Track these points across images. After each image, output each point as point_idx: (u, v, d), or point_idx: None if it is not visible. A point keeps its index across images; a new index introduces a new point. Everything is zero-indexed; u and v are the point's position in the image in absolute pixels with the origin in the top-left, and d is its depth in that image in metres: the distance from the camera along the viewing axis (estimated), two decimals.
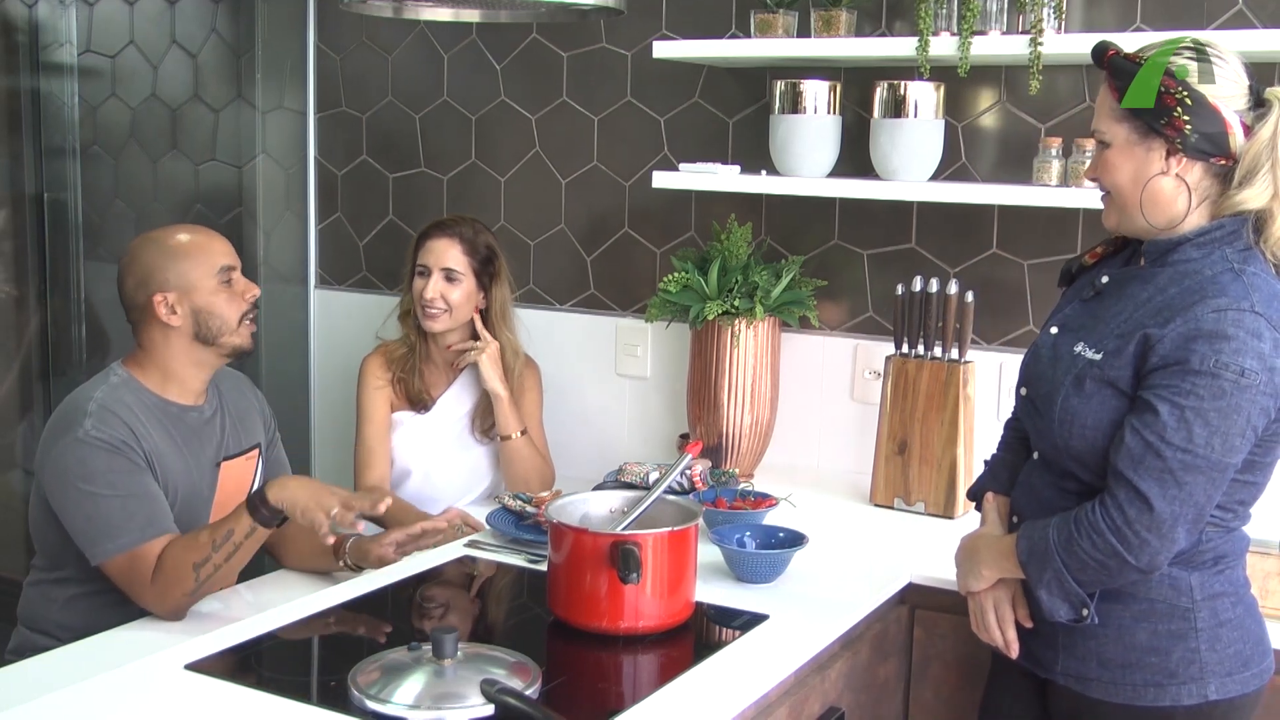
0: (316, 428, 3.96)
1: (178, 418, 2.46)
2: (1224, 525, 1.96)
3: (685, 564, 2.14)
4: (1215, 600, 1.96)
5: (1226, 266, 1.89)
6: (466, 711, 1.75)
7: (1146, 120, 1.91)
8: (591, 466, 3.19)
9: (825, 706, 2.19)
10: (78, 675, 1.91)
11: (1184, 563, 1.94)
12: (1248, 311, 1.83)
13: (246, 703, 1.83)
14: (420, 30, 3.66)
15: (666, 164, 3.33)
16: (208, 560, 2.26)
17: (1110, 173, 1.97)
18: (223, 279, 2.47)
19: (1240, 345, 1.82)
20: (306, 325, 3.95)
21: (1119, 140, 1.95)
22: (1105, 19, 2.84)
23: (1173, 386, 1.84)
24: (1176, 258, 1.94)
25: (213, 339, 2.46)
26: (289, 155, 3.93)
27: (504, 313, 3.06)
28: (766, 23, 3.01)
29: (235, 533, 2.28)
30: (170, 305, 2.43)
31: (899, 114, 2.84)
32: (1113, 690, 1.98)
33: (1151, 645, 1.96)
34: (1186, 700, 1.95)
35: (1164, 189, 1.93)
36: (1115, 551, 1.86)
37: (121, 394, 2.40)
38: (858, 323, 3.20)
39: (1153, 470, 1.84)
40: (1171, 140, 1.90)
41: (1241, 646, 1.97)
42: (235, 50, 3.98)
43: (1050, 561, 1.92)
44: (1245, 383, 1.82)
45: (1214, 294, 1.86)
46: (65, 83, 4.24)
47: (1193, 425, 1.82)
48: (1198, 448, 1.83)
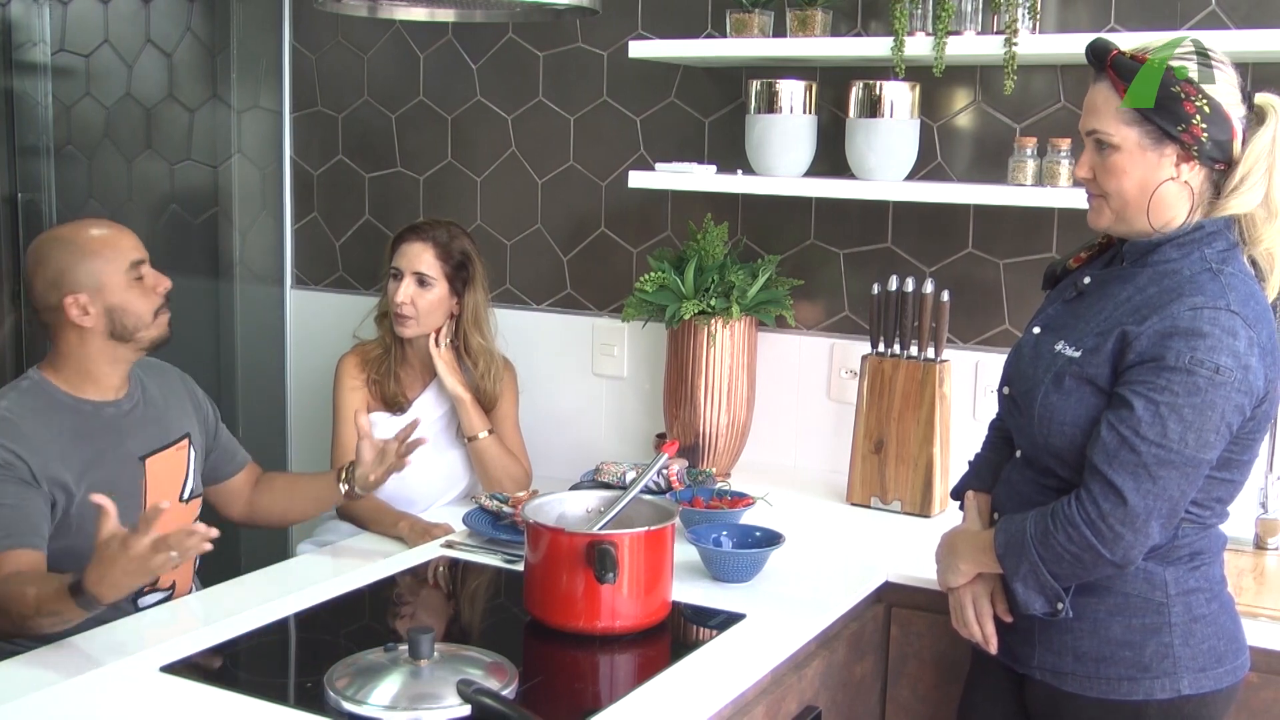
0: (293, 427, 3.95)
1: (92, 415, 2.41)
2: (1201, 522, 1.97)
3: (662, 563, 2.14)
4: (1190, 596, 1.97)
5: (1205, 267, 1.91)
6: (443, 712, 1.75)
7: (1161, 125, 1.89)
8: (568, 466, 3.19)
9: (802, 705, 2.19)
10: (51, 679, 1.90)
11: (1159, 558, 1.96)
12: (1223, 310, 1.85)
13: (222, 705, 1.83)
14: (396, 30, 3.65)
15: (643, 164, 3.33)
16: (31, 617, 2.10)
17: (1115, 177, 1.95)
18: (134, 275, 2.41)
19: (1215, 343, 1.83)
20: (282, 325, 3.93)
21: (1129, 144, 1.92)
22: (1080, 19, 2.85)
23: (1148, 383, 1.86)
24: (1156, 258, 1.95)
25: (129, 335, 2.42)
26: (264, 155, 3.92)
27: (477, 318, 3.04)
28: (742, 22, 3.01)
29: (62, 614, 2.08)
30: (82, 306, 2.37)
31: (874, 114, 2.85)
32: (1087, 684, 1.99)
33: (1126, 639, 1.97)
34: (1160, 694, 1.96)
35: (1170, 194, 1.93)
36: (1089, 544, 1.87)
37: (28, 401, 2.36)
38: (834, 322, 3.20)
39: (1127, 465, 1.86)
40: (1188, 147, 1.90)
41: (1216, 642, 1.98)
42: (210, 49, 3.97)
43: (1026, 554, 1.94)
44: (1220, 379, 1.83)
45: (1191, 292, 1.88)
46: (39, 82, 4.22)
47: (1167, 421, 1.84)
48: (1172, 443, 1.84)
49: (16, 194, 4.21)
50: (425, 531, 2.69)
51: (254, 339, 3.95)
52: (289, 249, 3.92)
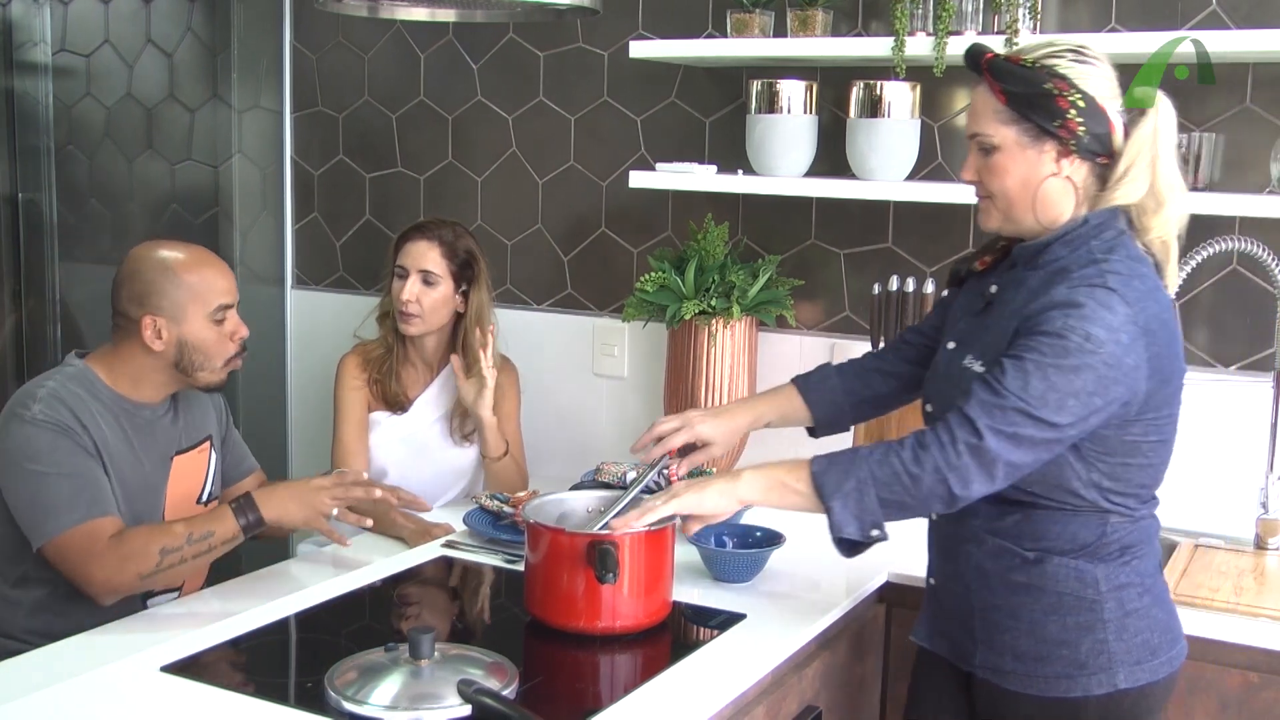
0: (293, 428, 3.95)
1: (131, 414, 2.44)
2: (1129, 514, 1.98)
3: (662, 563, 2.14)
4: (1121, 591, 1.98)
5: (1091, 259, 1.93)
6: (444, 712, 1.75)
7: (1038, 122, 1.94)
8: (568, 466, 3.19)
9: (803, 705, 2.20)
10: (52, 679, 1.90)
11: (1089, 555, 1.97)
12: (1100, 286, 1.88)
13: (223, 705, 1.83)
14: (396, 30, 3.65)
15: (643, 164, 3.33)
16: (178, 550, 2.25)
17: (998, 177, 1.99)
18: (217, 317, 2.44)
19: (1089, 313, 1.85)
20: (283, 325, 3.93)
21: (1008, 143, 1.97)
22: (1080, 19, 2.85)
23: (1021, 344, 1.89)
24: (1047, 258, 1.98)
25: (190, 371, 2.45)
26: (265, 155, 3.92)
27: (481, 318, 3.05)
28: (743, 22, 3.01)
29: (216, 534, 2.28)
30: (157, 330, 2.40)
31: (875, 114, 2.85)
32: (1027, 682, 2.01)
33: (1061, 638, 1.98)
34: (1097, 690, 1.97)
35: (1054, 189, 1.97)
36: (935, 467, 1.87)
37: (73, 385, 2.39)
38: (834, 322, 3.20)
39: (986, 405, 1.87)
40: (1065, 142, 1.93)
41: (1149, 636, 2.00)
42: (211, 49, 3.97)
43: (855, 470, 1.93)
44: (1089, 348, 1.84)
45: (1074, 279, 1.91)
46: (40, 82, 4.22)
47: (1030, 376, 1.85)
48: (1031, 398, 1.84)
49: (17, 194, 4.21)
50: (425, 531, 2.69)
51: (254, 339, 3.92)
52: (289, 249, 3.92)
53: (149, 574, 2.26)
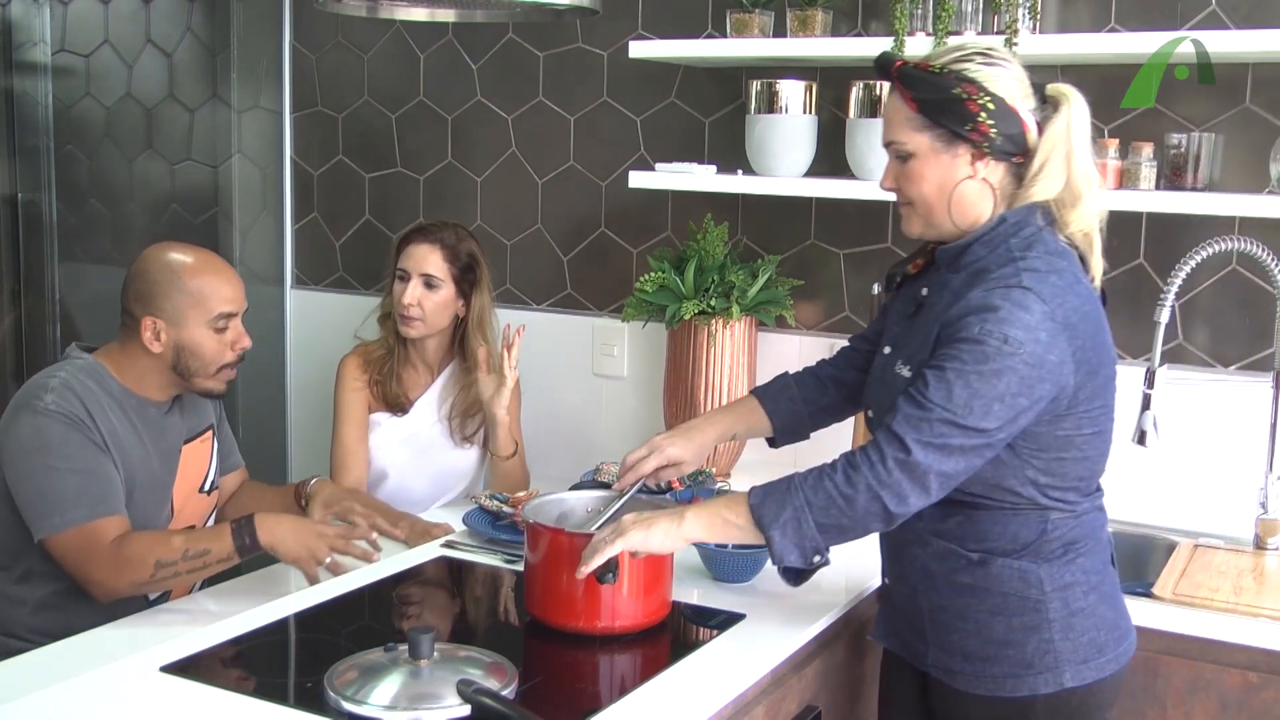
0: (293, 428, 3.95)
1: (139, 409, 2.45)
2: (1069, 509, 1.98)
3: (662, 564, 2.14)
4: (1066, 591, 1.99)
5: (1009, 258, 1.94)
6: (443, 712, 1.75)
7: (950, 127, 1.95)
8: (568, 466, 3.19)
9: (802, 705, 2.20)
10: (51, 678, 1.90)
11: (1033, 555, 1.97)
12: (1015, 287, 1.88)
13: (223, 705, 1.82)
14: (396, 30, 3.65)
15: (643, 164, 3.33)
16: (172, 564, 2.26)
17: (915, 183, 2.01)
18: (217, 325, 2.44)
19: (1006, 315, 1.85)
20: (283, 326, 3.94)
21: (922, 149, 1.98)
22: (1080, 20, 2.85)
23: (942, 353, 1.89)
24: (968, 259, 1.99)
25: (186, 375, 2.45)
26: (265, 155, 3.92)
27: (482, 321, 3.04)
28: (742, 22, 3.01)
29: (211, 553, 2.28)
30: (156, 331, 2.41)
31: (874, 114, 2.85)
32: (975, 682, 2.02)
33: (1008, 638, 1.99)
34: (1044, 689, 1.98)
35: (970, 192, 1.98)
36: (868, 486, 1.87)
37: (84, 377, 2.39)
38: (834, 322, 3.20)
39: (912, 419, 1.87)
40: (978, 145, 1.94)
41: (1095, 634, 2.00)
42: (210, 49, 3.97)
43: (791, 498, 1.92)
44: (1008, 350, 1.84)
45: (990, 281, 1.91)
46: (39, 82, 4.22)
47: (953, 385, 1.85)
48: (956, 407, 1.85)
49: (16, 194, 4.21)
50: (425, 531, 2.69)
51: (254, 339, 3.94)
52: (289, 249, 3.92)
53: (142, 584, 2.28)
